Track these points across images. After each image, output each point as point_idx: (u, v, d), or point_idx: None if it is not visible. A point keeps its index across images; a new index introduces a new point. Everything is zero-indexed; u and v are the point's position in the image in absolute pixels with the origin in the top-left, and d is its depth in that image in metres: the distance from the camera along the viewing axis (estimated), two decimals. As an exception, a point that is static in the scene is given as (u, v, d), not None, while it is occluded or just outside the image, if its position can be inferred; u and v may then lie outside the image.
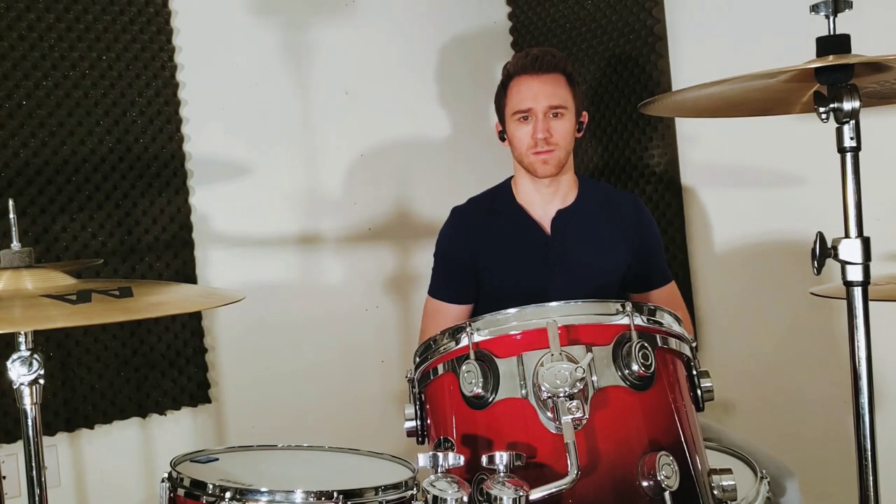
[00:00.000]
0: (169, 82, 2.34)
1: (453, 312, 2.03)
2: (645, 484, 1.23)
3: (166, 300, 1.34)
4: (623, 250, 2.00)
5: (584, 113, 2.02)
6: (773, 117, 1.53)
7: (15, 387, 1.25)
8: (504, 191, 2.07)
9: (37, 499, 1.28)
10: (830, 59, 1.19)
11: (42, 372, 1.25)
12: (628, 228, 2.02)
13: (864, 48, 1.26)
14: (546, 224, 2.00)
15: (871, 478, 1.21)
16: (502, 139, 2.03)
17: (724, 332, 2.48)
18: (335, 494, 1.30)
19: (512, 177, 2.08)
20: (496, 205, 2.05)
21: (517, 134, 1.95)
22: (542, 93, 1.92)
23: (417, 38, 2.87)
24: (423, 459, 1.18)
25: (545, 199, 2.01)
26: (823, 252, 1.21)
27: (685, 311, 2.07)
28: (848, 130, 1.20)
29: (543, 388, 1.22)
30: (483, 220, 2.04)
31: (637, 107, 2.42)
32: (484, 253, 1.99)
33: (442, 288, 2.06)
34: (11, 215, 1.36)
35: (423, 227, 2.72)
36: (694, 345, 1.42)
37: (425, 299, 2.11)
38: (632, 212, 2.04)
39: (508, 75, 1.98)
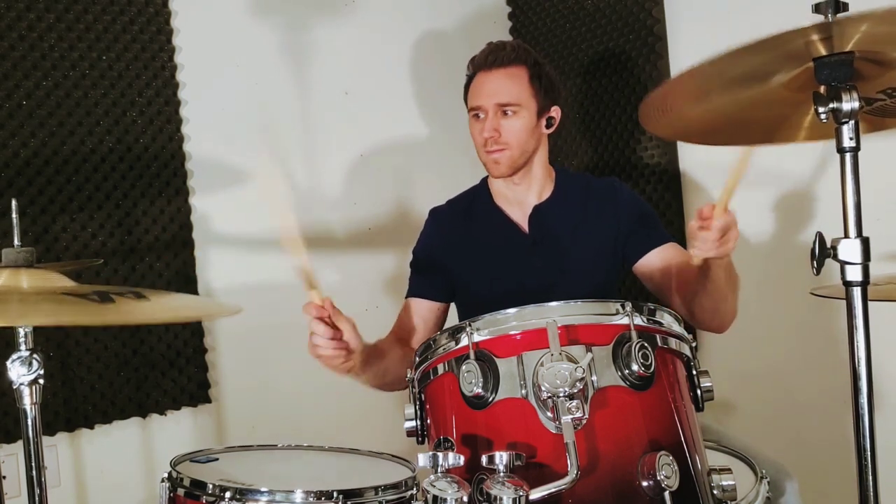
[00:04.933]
0: (169, 82, 2.34)
1: (427, 308, 1.98)
2: (645, 484, 1.23)
3: (165, 307, 1.34)
4: (606, 236, 1.93)
5: (556, 108, 1.93)
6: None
7: (15, 387, 1.25)
8: (481, 191, 2.04)
9: (37, 499, 1.28)
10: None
11: (42, 372, 1.25)
12: (608, 213, 1.95)
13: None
14: (523, 222, 1.96)
15: (870, 478, 1.20)
16: None
17: (725, 332, 2.48)
18: (335, 494, 1.30)
19: (488, 176, 2.03)
20: (473, 207, 2.02)
21: (472, 131, 1.92)
22: (492, 90, 1.86)
23: (417, 38, 2.87)
24: (423, 459, 1.18)
25: (519, 196, 1.97)
26: (823, 252, 1.21)
27: None
28: (847, 130, 1.20)
29: (543, 388, 1.22)
30: (461, 222, 2.01)
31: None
32: (464, 255, 1.97)
33: (420, 287, 2.01)
34: (14, 215, 1.36)
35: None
36: (694, 345, 1.42)
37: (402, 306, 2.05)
38: (609, 195, 1.97)
39: (472, 71, 1.94)
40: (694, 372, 1.39)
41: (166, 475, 1.43)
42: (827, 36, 1.15)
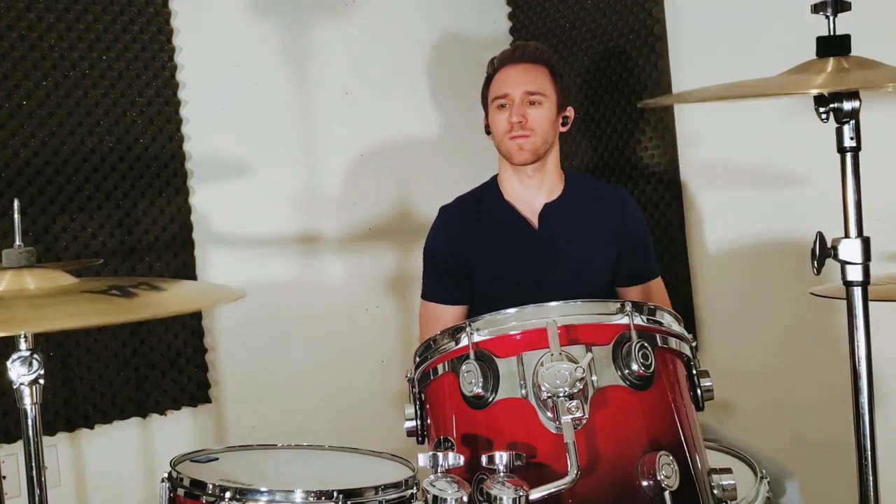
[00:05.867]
0: (169, 82, 2.34)
1: (451, 314, 2.01)
2: (645, 484, 1.23)
3: (168, 299, 1.34)
4: (609, 243, 2.00)
5: (571, 108, 2.03)
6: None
7: (15, 387, 1.25)
8: (491, 188, 2.07)
9: (37, 499, 1.28)
10: (830, 61, 1.18)
11: (42, 372, 1.25)
12: (614, 222, 2.02)
13: (863, 48, 1.26)
14: (533, 219, 2.00)
15: (871, 478, 1.21)
16: (488, 132, 2.06)
17: (724, 332, 2.48)
18: (335, 494, 1.30)
19: (498, 174, 2.08)
20: (484, 202, 2.05)
21: (496, 120, 1.98)
22: (519, 79, 1.96)
23: (417, 39, 2.87)
24: (423, 459, 1.18)
25: (531, 193, 2.01)
26: (823, 252, 1.21)
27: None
28: (848, 130, 1.21)
29: (543, 388, 1.22)
30: (471, 218, 2.04)
31: (638, 105, 2.42)
32: (473, 251, 1.99)
33: (437, 290, 2.04)
34: (16, 215, 1.36)
35: (423, 227, 2.70)
36: (694, 344, 1.42)
37: (420, 304, 2.09)
38: (618, 205, 2.04)
39: (493, 68, 2.03)
40: (694, 372, 1.40)
41: (166, 475, 1.43)
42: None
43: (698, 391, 1.38)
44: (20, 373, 1.24)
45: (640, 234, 2.06)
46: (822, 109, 1.20)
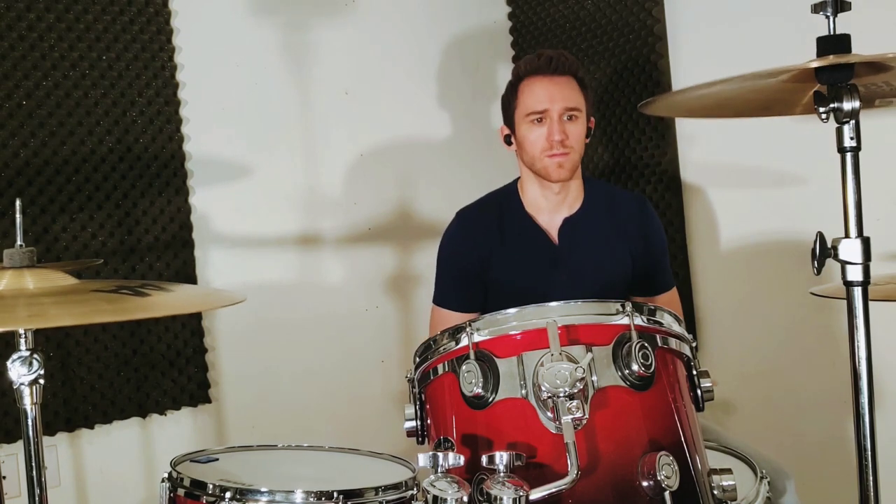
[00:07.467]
0: (169, 82, 2.34)
1: (454, 320, 1.94)
2: (645, 484, 1.23)
3: (168, 300, 1.34)
4: (628, 255, 1.99)
5: (592, 118, 1.99)
6: (773, 117, 1.54)
7: (15, 387, 1.25)
8: (511, 196, 2.02)
9: (37, 499, 1.28)
10: (831, 59, 1.19)
11: (42, 372, 1.25)
12: (633, 232, 1.99)
13: (864, 48, 1.26)
14: (553, 232, 1.97)
15: (871, 478, 1.21)
16: (508, 143, 1.99)
17: (724, 332, 2.48)
18: (335, 494, 1.30)
19: (517, 180, 2.04)
20: (504, 210, 2.01)
21: (530, 137, 1.90)
22: (558, 94, 1.88)
23: (417, 38, 2.87)
24: (423, 459, 1.18)
25: (552, 207, 1.98)
26: (823, 252, 1.21)
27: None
28: (848, 130, 1.20)
29: (543, 388, 1.23)
30: (492, 227, 1.99)
31: (637, 107, 2.43)
32: (492, 259, 1.96)
33: (450, 297, 2.01)
34: (17, 215, 1.36)
35: (423, 227, 2.72)
36: (694, 345, 1.42)
37: (431, 308, 2.06)
38: (637, 215, 2.01)
39: (519, 76, 1.94)
40: (694, 372, 1.40)
41: (166, 475, 1.43)
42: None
43: (698, 391, 1.39)
44: (20, 373, 1.24)
45: (659, 244, 2.04)
46: (822, 109, 1.20)
